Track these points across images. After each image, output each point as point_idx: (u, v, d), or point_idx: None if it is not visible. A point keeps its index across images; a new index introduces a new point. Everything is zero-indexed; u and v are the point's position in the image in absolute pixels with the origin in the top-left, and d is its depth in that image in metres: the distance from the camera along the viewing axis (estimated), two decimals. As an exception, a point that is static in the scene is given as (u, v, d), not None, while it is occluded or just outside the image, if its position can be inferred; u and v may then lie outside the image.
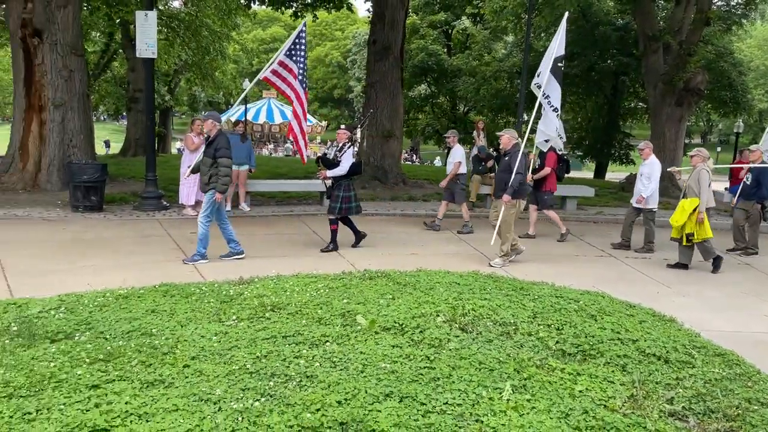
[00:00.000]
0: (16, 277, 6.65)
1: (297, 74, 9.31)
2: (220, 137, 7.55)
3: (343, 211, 8.48)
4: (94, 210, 10.73)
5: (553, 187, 10.18)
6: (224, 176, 7.43)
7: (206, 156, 7.58)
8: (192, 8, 23.08)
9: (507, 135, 8.40)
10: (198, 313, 5.17)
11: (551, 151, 9.94)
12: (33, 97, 12.64)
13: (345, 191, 8.46)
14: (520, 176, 8.02)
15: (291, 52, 9.35)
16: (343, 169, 8.43)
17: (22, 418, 3.29)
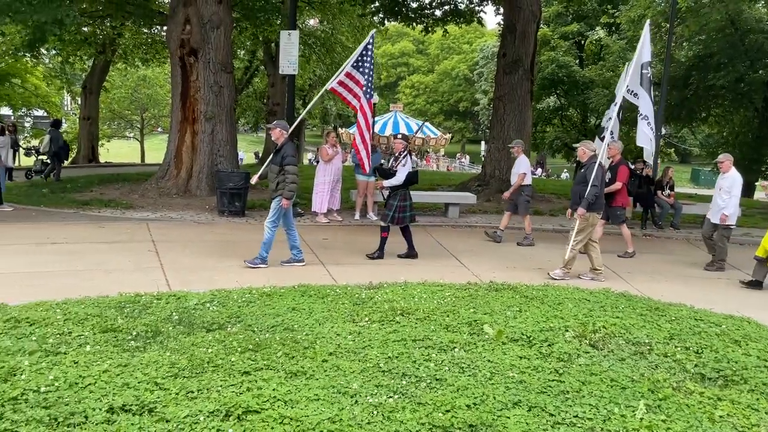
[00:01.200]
0: (173, 272, 7.38)
1: (363, 84, 9.23)
2: (287, 145, 7.69)
3: (396, 220, 8.51)
4: (237, 215, 11.63)
5: (624, 202, 9.79)
6: (291, 183, 7.55)
7: (274, 163, 7.73)
8: (327, 26, 24.26)
9: (583, 147, 8.22)
10: (333, 313, 5.50)
11: (623, 165, 9.57)
12: (188, 110, 13.92)
13: (400, 200, 8.51)
14: (595, 189, 7.76)
15: (358, 63, 9.29)
16: (399, 179, 8.48)
17: (186, 395, 3.71)
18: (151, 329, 4.85)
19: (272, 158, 7.82)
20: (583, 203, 7.69)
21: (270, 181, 7.79)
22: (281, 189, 7.57)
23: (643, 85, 8.99)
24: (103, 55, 21.63)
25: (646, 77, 9.03)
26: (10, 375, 3.85)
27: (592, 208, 7.78)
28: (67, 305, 5.41)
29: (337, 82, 9.19)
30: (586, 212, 7.71)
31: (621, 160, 9.62)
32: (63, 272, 6.96)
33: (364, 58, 9.24)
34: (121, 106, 36.35)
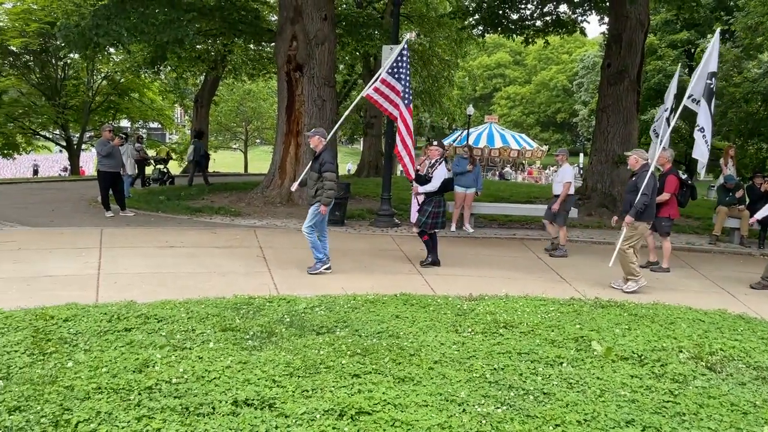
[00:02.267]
0: (280, 276, 7.73)
1: (401, 92, 9.11)
2: (325, 152, 7.80)
3: (428, 225, 8.58)
4: (337, 224, 11.98)
5: (673, 213, 9.29)
6: (329, 190, 7.66)
7: (312, 170, 7.85)
8: (425, 39, 24.53)
9: (635, 155, 8.02)
10: (436, 323, 5.58)
11: (672, 175, 9.09)
12: (292, 123, 14.52)
13: (435, 207, 8.56)
14: (646, 197, 7.55)
15: (393, 70, 9.16)
16: (434, 185, 8.52)
17: (302, 393, 3.90)
18: (265, 330, 5.13)
19: (311, 165, 7.96)
20: (632, 211, 7.57)
21: (309, 188, 7.95)
22: (320, 195, 7.73)
23: (704, 96, 8.54)
24: (214, 71, 22.98)
25: (709, 88, 8.57)
26: (144, 366, 4.21)
27: (642, 217, 7.64)
28: (189, 304, 5.82)
29: (372, 89, 9.12)
30: (635, 220, 7.56)
31: (671, 170, 9.24)
32: (183, 274, 7.46)
33: (400, 65, 9.16)
34: (228, 118, 38.33)
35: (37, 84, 27.03)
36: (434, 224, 8.65)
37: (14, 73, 26.58)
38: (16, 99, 26.67)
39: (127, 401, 3.67)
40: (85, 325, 4.99)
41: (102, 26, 11.80)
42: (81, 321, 5.10)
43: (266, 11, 18.72)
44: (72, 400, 3.63)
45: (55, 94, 27.03)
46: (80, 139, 29.14)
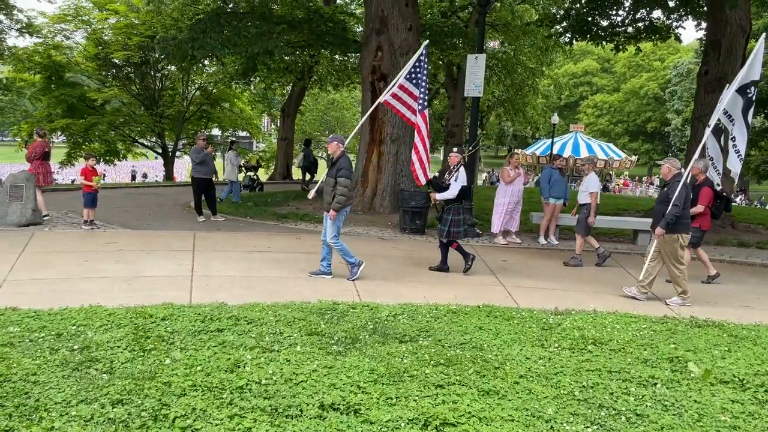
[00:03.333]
0: (362, 283, 7.81)
1: (418, 97, 8.94)
2: (343, 158, 7.76)
3: (451, 234, 8.42)
4: (418, 233, 12.01)
5: (704, 224, 8.87)
6: (340, 195, 7.59)
7: (329, 176, 7.81)
8: (509, 47, 24.23)
9: (667, 164, 7.77)
10: (521, 336, 5.47)
11: (707, 187, 8.61)
12: (375, 132, 14.69)
13: (454, 215, 8.41)
14: (677, 208, 7.20)
15: (411, 75, 8.99)
16: (452, 192, 8.38)
17: (386, 401, 3.93)
18: (349, 336, 5.20)
19: (328, 171, 7.95)
20: (662, 222, 7.32)
21: (326, 194, 7.87)
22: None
23: (740, 106, 7.96)
24: (301, 81, 23.66)
25: (747, 98, 7.96)
26: (235, 366, 4.36)
27: (676, 228, 7.32)
28: (277, 308, 5.99)
29: (390, 95, 9.02)
30: (667, 232, 7.31)
31: (705, 181, 8.75)
32: (270, 278, 7.69)
33: (418, 70, 8.99)
34: (312, 127, 39.30)
35: (137, 94, 28.77)
36: (456, 233, 8.49)
37: (117, 84, 28.43)
38: (118, 108, 28.50)
39: (220, 399, 3.81)
40: (180, 325, 5.23)
41: (198, 39, 12.42)
42: (177, 320, 5.36)
43: (352, 22, 19.08)
44: (170, 395, 3.81)
45: (153, 104, 28.67)
46: (174, 146, 30.72)
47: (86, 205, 10.44)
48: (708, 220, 9.17)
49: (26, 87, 27.36)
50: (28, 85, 27.43)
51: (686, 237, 7.51)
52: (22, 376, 3.98)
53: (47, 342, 4.66)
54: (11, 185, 10.21)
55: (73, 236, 9.68)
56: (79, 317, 5.31)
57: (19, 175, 10.49)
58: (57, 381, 3.95)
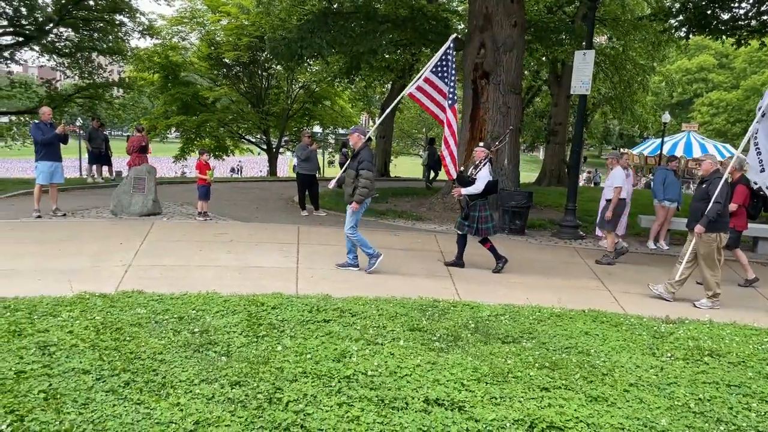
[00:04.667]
0: (461, 281, 7.81)
1: (447, 93, 8.61)
2: (364, 151, 7.66)
3: (481, 231, 8.25)
4: (517, 233, 11.81)
5: (739, 224, 8.29)
6: (362, 187, 7.50)
7: (350, 168, 7.70)
8: (618, 42, 23.25)
9: (708, 160, 7.49)
10: (630, 343, 5.28)
11: (741, 185, 8.09)
12: (475, 130, 14.58)
13: (480, 211, 8.25)
14: (719, 206, 6.78)
15: (437, 69, 8.67)
16: (478, 187, 8.20)
17: (490, 400, 3.92)
18: (451, 333, 5.22)
19: (349, 163, 7.85)
20: (703, 220, 7.02)
21: (347, 186, 7.78)
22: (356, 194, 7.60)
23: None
24: (401, 79, 23.85)
25: None
26: (342, 357, 4.50)
27: (716, 227, 6.92)
28: (379, 302, 6.11)
29: (415, 88, 8.79)
30: (706, 231, 7.03)
31: (740, 179, 8.22)
32: (373, 272, 7.84)
33: (445, 64, 8.71)
34: (410, 125, 39.52)
35: (245, 93, 30.13)
36: (486, 230, 8.31)
37: (227, 83, 29.91)
38: (227, 106, 29.96)
39: (329, 387, 3.95)
40: (289, 314, 5.46)
41: (306, 39, 12.85)
42: (286, 309, 5.60)
43: (455, 19, 19.01)
44: (282, 380, 4.00)
45: (260, 102, 29.92)
46: (278, 143, 31.90)
47: (200, 197, 11.08)
48: (744, 220, 8.71)
49: (146, 85, 29.32)
50: (148, 83, 29.40)
51: (725, 237, 7.20)
52: (150, 355, 4.31)
53: (170, 324, 5.02)
54: (135, 177, 11.01)
55: (189, 226, 10.31)
56: (197, 302, 5.67)
57: (141, 168, 11.30)
58: (180, 361, 4.24)
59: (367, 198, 7.68)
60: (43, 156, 10.19)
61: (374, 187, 7.74)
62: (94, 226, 9.84)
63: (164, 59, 27.63)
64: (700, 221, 7.09)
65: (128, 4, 23.03)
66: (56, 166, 10.35)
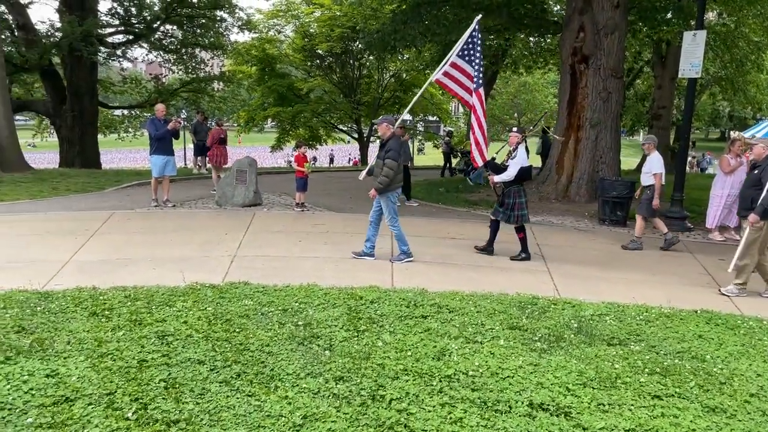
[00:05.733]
0: (559, 277, 7.58)
1: (473, 76, 8.29)
2: (392, 140, 7.61)
3: (517, 218, 8.12)
4: (618, 224, 11.32)
5: None
6: (383, 176, 7.48)
7: (379, 158, 7.68)
8: (729, 19, 21.63)
9: (761, 144, 7.19)
10: (750, 349, 4.94)
11: None
12: (573, 117, 14.08)
13: (515, 197, 8.11)
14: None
15: (464, 53, 8.34)
16: (510, 174, 8.05)
17: (597, 406, 3.80)
18: (553, 333, 5.09)
19: (378, 153, 7.79)
20: (758, 208, 6.71)
21: (374, 176, 7.75)
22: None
23: None
24: (494, 65, 23.39)
25: None
26: (442, 355, 4.50)
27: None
28: (476, 298, 6.06)
29: (442, 73, 8.51)
30: (761, 219, 6.71)
31: None
32: (465, 266, 7.79)
33: (471, 47, 8.39)
34: (501, 111, 38.78)
35: (337, 83, 30.61)
36: (521, 216, 8.14)
37: (320, 74, 30.51)
38: (320, 96, 30.59)
39: (430, 386, 3.97)
40: (387, 308, 5.52)
41: (399, 31, 12.85)
42: (384, 304, 5.66)
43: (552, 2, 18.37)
44: (384, 377, 4.06)
45: (351, 91, 30.32)
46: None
47: (298, 189, 11.40)
48: None
49: (244, 78, 30.47)
50: (246, 76, 30.52)
51: None
52: (258, 347, 4.49)
53: (275, 316, 5.21)
54: (237, 170, 11.48)
55: (288, 217, 10.63)
56: (299, 294, 5.85)
57: (243, 160, 11.76)
58: (287, 354, 4.40)
59: (390, 188, 7.68)
60: (156, 150, 10.85)
61: (398, 179, 7.79)
62: (201, 216, 10.36)
63: (261, 52, 28.55)
64: (756, 209, 6.75)
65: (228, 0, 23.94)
66: (168, 159, 10.99)
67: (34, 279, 6.26)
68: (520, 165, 8.11)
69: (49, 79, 22.17)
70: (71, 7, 20.94)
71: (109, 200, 11.79)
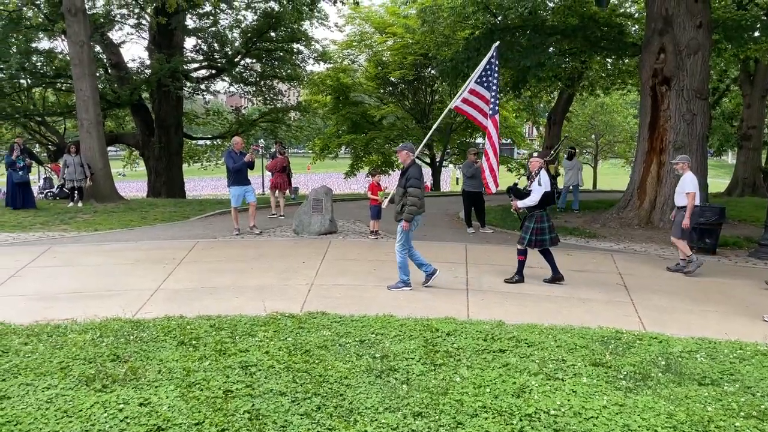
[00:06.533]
0: (644, 309, 7.26)
1: (489, 100, 8.34)
2: (413, 167, 7.63)
3: (533, 243, 8.06)
4: (707, 252, 10.78)
5: None
6: (411, 206, 7.46)
7: (399, 186, 7.68)
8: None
9: None
10: None
11: None
12: (655, 140, 13.60)
13: (537, 222, 8.06)
14: None
15: (482, 79, 8.39)
16: (534, 199, 8.01)
17: (689, 452, 3.60)
18: (638, 371, 4.89)
19: (399, 181, 7.78)
20: None
21: (396, 204, 7.78)
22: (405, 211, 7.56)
23: None
24: (570, 88, 23.00)
25: None
26: (522, 392, 4.41)
27: None
28: (555, 331, 5.91)
29: (461, 101, 8.60)
30: None
31: None
32: (542, 297, 7.62)
33: (489, 73, 8.46)
34: (578, 132, 37.94)
35: (409, 109, 30.92)
36: (540, 241, 8.10)
37: (392, 101, 30.93)
38: (393, 123, 30.96)
39: (510, 425, 3.89)
40: (464, 341, 5.48)
41: (472, 58, 12.88)
42: (461, 336, 5.62)
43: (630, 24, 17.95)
44: (463, 414, 4.01)
45: (424, 117, 30.55)
46: (441, 157, 32.30)
47: (372, 217, 11.54)
48: None
49: (319, 107, 31.34)
50: (321, 105, 31.39)
51: None
52: (337, 379, 4.55)
53: (353, 347, 5.27)
54: (313, 199, 11.76)
55: (362, 245, 10.77)
56: (376, 325, 5.90)
57: (320, 189, 12.04)
58: (365, 387, 4.43)
59: (416, 215, 7.67)
60: (234, 181, 11.33)
61: (423, 204, 7.75)
62: (279, 244, 10.66)
63: (335, 82, 29.31)
64: None
65: (304, 33, 24.80)
66: (246, 189, 11.47)
67: (127, 307, 6.62)
68: (544, 190, 8.09)
69: (139, 113, 23.59)
70: (159, 45, 22.29)
71: (194, 229, 12.33)
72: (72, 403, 4.00)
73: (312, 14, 25.36)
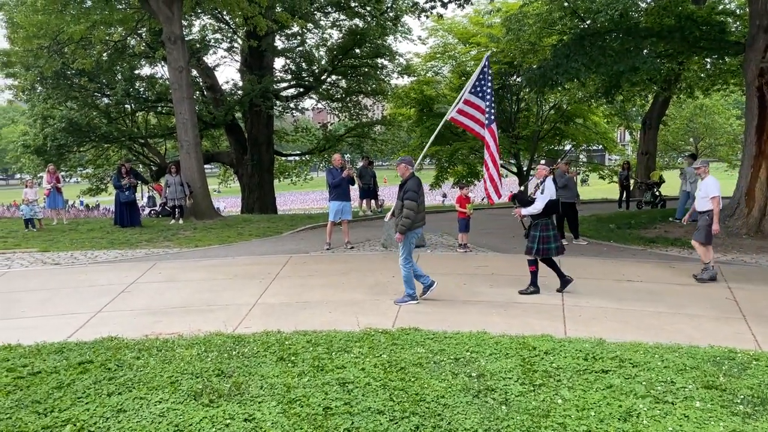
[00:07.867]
0: (759, 326, 6.77)
1: (485, 110, 8.48)
2: (410, 181, 7.67)
3: (540, 252, 7.94)
4: (828, 263, 9.93)
5: None
6: (404, 218, 7.48)
7: (398, 199, 7.73)
8: None
9: None
10: None
11: None
12: (763, 143, 12.73)
13: (542, 231, 7.96)
14: None
15: (476, 89, 8.45)
16: (537, 207, 7.95)
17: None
18: (757, 395, 4.55)
19: (398, 194, 7.82)
20: None
21: (395, 217, 7.80)
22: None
23: None
24: (666, 91, 21.95)
25: None
26: (628, 416, 4.20)
27: None
28: (662, 350, 5.60)
29: (456, 111, 8.66)
30: None
31: None
32: (646, 312, 7.26)
33: (482, 83, 8.51)
34: (675, 137, 36.13)
35: (496, 118, 30.53)
36: (546, 250, 7.95)
37: (478, 111, 30.63)
38: (479, 133, 30.64)
39: (619, 452, 3.71)
40: (564, 361, 5.30)
41: (562, 65, 12.57)
42: (559, 355, 5.44)
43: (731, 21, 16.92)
44: (566, 439, 3.88)
45: (510, 126, 30.05)
46: (529, 165, 31.61)
47: (461, 229, 11.45)
48: None
49: (404, 120, 31.54)
50: (405, 118, 31.58)
51: None
52: (434, 398, 4.52)
53: (448, 365, 5.22)
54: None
55: (451, 258, 10.70)
56: (470, 342, 5.82)
57: (407, 203, 12.08)
58: (462, 407, 4.37)
59: (411, 228, 7.61)
60: (334, 197, 11.61)
61: (419, 218, 7.70)
62: (368, 259, 10.77)
63: (419, 94, 29.41)
64: None
65: (388, 48, 25.12)
66: (345, 205, 11.68)
67: (228, 321, 6.89)
68: (548, 198, 8.02)
69: (233, 132, 24.67)
70: (251, 66, 23.25)
71: (286, 244, 12.69)
72: (183, 417, 4.19)
73: (396, 29, 25.69)
